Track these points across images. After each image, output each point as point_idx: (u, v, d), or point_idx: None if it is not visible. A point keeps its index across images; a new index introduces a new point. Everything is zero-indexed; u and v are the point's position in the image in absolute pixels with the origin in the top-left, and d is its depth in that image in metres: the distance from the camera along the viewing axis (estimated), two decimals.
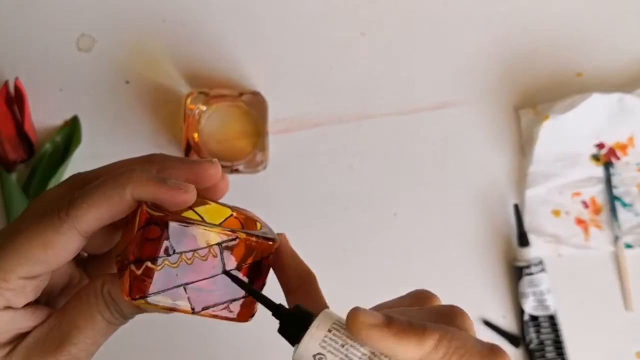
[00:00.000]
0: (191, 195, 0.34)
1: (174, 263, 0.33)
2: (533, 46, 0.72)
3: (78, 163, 0.67)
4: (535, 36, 0.72)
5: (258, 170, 0.67)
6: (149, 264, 0.33)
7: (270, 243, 0.35)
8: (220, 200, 0.38)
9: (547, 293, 0.68)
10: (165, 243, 0.33)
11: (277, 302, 0.34)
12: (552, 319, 0.68)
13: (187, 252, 0.33)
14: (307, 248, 0.69)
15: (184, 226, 0.33)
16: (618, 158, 0.71)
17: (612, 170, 0.70)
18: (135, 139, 0.69)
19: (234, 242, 0.34)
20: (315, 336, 0.31)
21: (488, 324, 0.69)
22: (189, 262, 0.33)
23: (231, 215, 0.38)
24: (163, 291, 0.33)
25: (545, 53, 0.72)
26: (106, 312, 0.35)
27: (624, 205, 0.70)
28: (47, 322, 0.36)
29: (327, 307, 0.35)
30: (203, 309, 0.34)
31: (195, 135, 0.66)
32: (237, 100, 0.67)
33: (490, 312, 0.69)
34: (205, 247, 0.33)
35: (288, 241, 0.37)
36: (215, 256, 0.34)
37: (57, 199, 0.35)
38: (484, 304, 0.69)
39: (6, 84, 0.65)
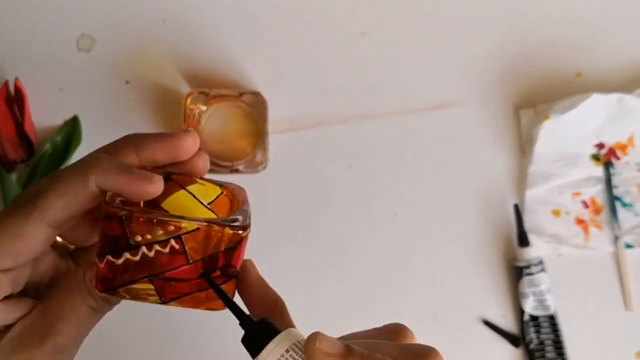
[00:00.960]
0: (157, 186, 0.33)
1: (135, 256, 0.33)
2: (533, 46, 0.72)
3: None
4: (536, 36, 0.72)
5: (258, 170, 0.67)
6: (109, 257, 0.33)
7: (239, 232, 0.34)
8: (214, 178, 0.38)
9: (547, 293, 0.68)
10: (123, 237, 0.32)
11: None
12: (552, 319, 0.68)
13: (148, 244, 0.33)
14: (307, 248, 0.69)
15: (144, 219, 0.32)
16: (618, 158, 0.71)
17: (612, 170, 0.70)
18: None
19: (196, 232, 0.33)
20: (273, 353, 0.31)
21: (488, 324, 0.69)
22: (150, 254, 0.33)
23: (221, 193, 0.38)
24: (127, 283, 0.33)
25: (545, 53, 0.72)
26: (89, 300, 0.35)
27: (624, 205, 0.70)
28: (31, 313, 0.35)
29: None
30: (172, 299, 0.34)
31: None
32: (237, 100, 0.67)
33: (490, 312, 0.69)
34: (165, 240, 0.33)
35: (255, 268, 0.36)
36: (177, 247, 0.33)
37: (31, 190, 0.35)
38: (484, 304, 0.69)
39: (6, 84, 0.65)
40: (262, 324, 0.33)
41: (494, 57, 0.72)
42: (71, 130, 0.68)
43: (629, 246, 0.70)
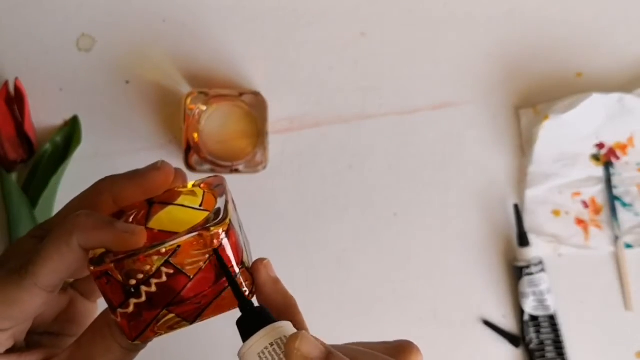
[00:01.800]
0: (139, 238, 0.33)
1: (141, 298, 0.33)
2: (533, 46, 0.72)
3: (78, 163, 0.67)
4: (536, 36, 0.72)
5: (258, 170, 0.67)
6: (120, 310, 0.33)
7: (220, 230, 0.33)
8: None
9: (547, 293, 0.68)
10: (119, 287, 0.33)
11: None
12: (552, 319, 0.68)
13: (144, 282, 0.33)
14: (307, 248, 0.69)
15: (130, 261, 0.33)
16: (618, 158, 0.71)
17: (612, 170, 0.70)
18: (135, 139, 0.69)
19: (179, 250, 0.33)
20: (257, 343, 0.32)
21: (488, 324, 0.69)
22: (151, 289, 0.33)
23: (204, 192, 0.38)
24: (150, 323, 0.34)
25: (545, 53, 0.72)
26: (122, 340, 0.35)
27: (624, 205, 0.70)
28: (60, 357, 0.35)
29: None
30: (197, 316, 0.34)
31: (195, 135, 0.66)
32: (237, 100, 0.67)
33: (490, 312, 0.69)
34: (157, 270, 0.33)
35: (270, 269, 0.36)
36: (172, 271, 0.33)
37: (20, 254, 0.35)
38: (484, 304, 0.69)
39: (6, 84, 0.65)
40: (261, 311, 0.33)
41: (494, 57, 0.72)
42: (71, 130, 0.68)
43: (629, 246, 0.70)
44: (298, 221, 0.69)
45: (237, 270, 0.34)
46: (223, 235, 0.33)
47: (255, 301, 0.35)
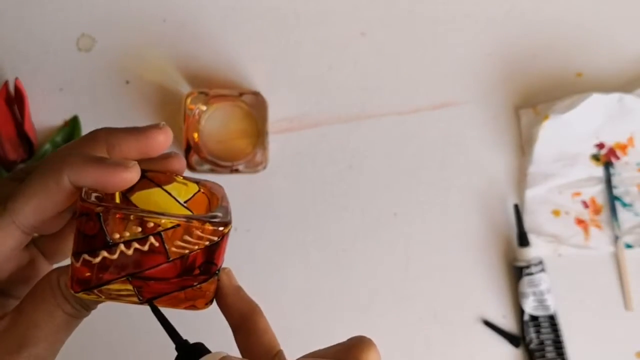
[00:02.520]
0: (133, 173, 0.32)
1: (113, 254, 0.31)
2: (533, 46, 0.72)
3: None
4: (536, 36, 0.72)
5: (258, 170, 0.67)
6: (86, 256, 0.31)
7: (220, 229, 0.33)
8: (190, 176, 0.37)
9: (547, 293, 0.68)
10: (100, 234, 0.31)
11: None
12: (552, 319, 0.68)
13: (126, 242, 0.31)
14: (306, 248, 0.69)
15: (121, 215, 0.31)
16: (618, 158, 0.71)
17: (612, 170, 0.70)
18: None
19: (176, 229, 0.32)
20: None
21: (488, 324, 0.69)
22: (128, 252, 0.31)
23: (199, 191, 0.37)
24: (104, 283, 0.32)
25: (545, 53, 0.72)
26: (66, 305, 0.33)
27: (624, 205, 0.70)
28: (0, 324, 0.33)
29: (272, 344, 0.33)
30: (151, 299, 0.33)
31: (195, 135, 0.66)
32: (237, 100, 0.67)
33: (490, 312, 0.69)
34: (144, 237, 0.32)
35: (232, 277, 0.35)
36: (157, 244, 0.32)
37: (1, 192, 0.33)
38: (484, 304, 0.69)
39: (6, 84, 0.65)
40: (196, 347, 0.32)
41: (494, 57, 0.72)
42: (71, 130, 0.68)
43: (629, 246, 0.70)
44: (298, 221, 0.69)
45: (217, 273, 0.34)
46: (225, 237, 0.33)
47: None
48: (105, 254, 0.31)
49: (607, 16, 0.72)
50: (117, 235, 0.31)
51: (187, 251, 0.32)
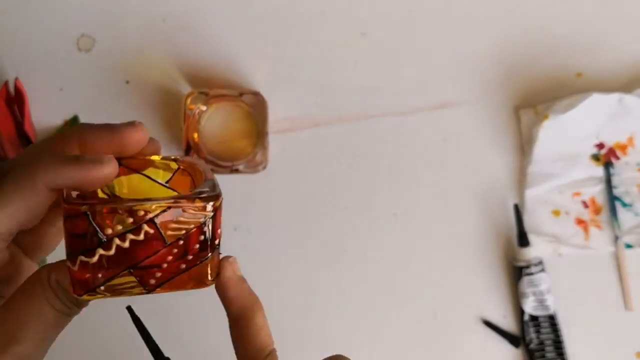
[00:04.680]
0: (110, 167, 0.31)
1: (110, 250, 0.31)
2: (533, 46, 0.72)
3: None
4: (536, 36, 0.72)
5: (258, 170, 0.67)
6: (82, 258, 0.30)
7: (212, 203, 0.32)
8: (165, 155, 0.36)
9: (547, 293, 0.68)
10: (92, 233, 0.30)
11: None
12: (552, 319, 0.68)
13: (119, 235, 0.31)
14: (306, 248, 0.69)
15: (108, 209, 0.30)
16: (618, 158, 0.71)
17: (612, 170, 0.70)
18: None
19: (167, 212, 0.31)
20: None
21: (488, 324, 0.69)
22: (124, 245, 0.31)
23: (178, 168, 0.36)
24: (107, 281, 0.31)
25: (545, 53, 0.72)
26: (56, 302, 0.32)
27: (624, 205, 0.70)
28: None
29: (267, 342, 0.33)
30: (156, 286, 0.32)
31: (195, 135, 0.66)
32: (237, 100, 0.67)
33: (490, 312, 0.69)
34: (137, 227, 0.31)
35: (236, 267, 0.34)
36: (152, 231, 0.31)
37: None
38: (484, 304, 0.69)
39: (6, 84, 0.65)
40: None
41: (494, 57, 0.72)
42: None
43: (629, 246, 0.70)
44: (298, 221, 0.69)
45: (217, 246, 0.33)
46: (218, 210, 0.32)
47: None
48: (101, 251, 0.31)
49: (607, 16, 0.72)
50: (109, 231, 0.30)
51: (183, 232, 0.32)
